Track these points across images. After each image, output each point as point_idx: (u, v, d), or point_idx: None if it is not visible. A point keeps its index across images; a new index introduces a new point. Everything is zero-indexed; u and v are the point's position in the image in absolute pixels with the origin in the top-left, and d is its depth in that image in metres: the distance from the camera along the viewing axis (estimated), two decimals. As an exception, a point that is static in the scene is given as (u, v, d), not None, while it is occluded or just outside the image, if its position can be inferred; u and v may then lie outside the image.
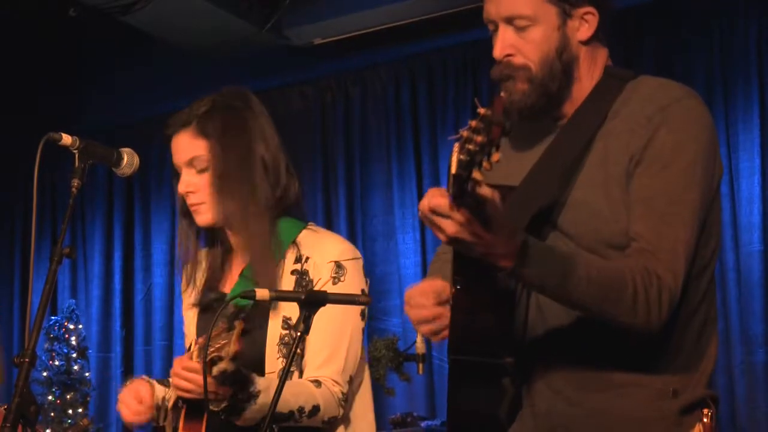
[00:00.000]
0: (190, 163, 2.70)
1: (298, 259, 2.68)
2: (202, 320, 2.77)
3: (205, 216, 2.71)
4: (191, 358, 2.47)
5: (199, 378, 2.40)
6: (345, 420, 2.67)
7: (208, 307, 2.76)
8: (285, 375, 2.27)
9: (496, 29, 2.20)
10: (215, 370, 2.37)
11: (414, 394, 6.14)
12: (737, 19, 5.67)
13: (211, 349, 2.39)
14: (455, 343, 2.14)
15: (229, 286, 2.74)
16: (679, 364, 2.15)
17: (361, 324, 2.69)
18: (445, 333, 2.14)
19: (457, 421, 2.20)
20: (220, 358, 2.36)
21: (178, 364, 2.47)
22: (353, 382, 2.68)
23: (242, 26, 6.05)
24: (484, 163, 1.75)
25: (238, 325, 2.38)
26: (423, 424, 5.62)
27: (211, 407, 2.47)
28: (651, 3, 5.87)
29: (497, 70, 2.19)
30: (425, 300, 2.13)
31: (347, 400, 2.66)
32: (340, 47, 6.33)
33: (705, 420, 2.14)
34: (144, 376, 2.80)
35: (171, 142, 2.75)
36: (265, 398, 2.46)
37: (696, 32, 5.76)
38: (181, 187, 2.70)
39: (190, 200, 2.70)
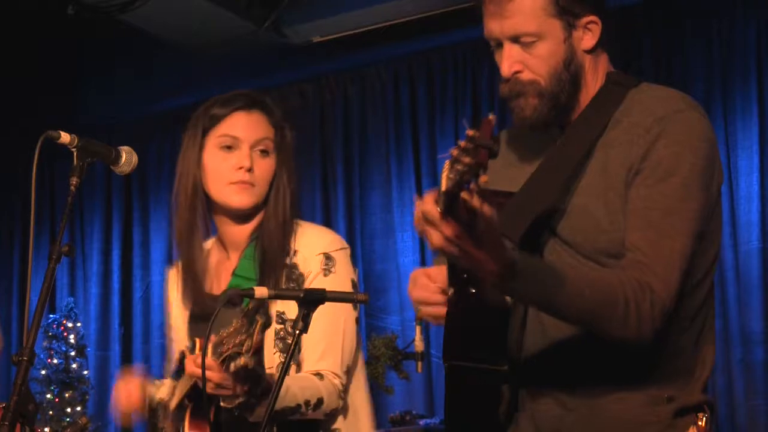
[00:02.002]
0: (258, 142, 2.69)
1: (286, 254, 2.69)
2: (197, 325, 2.73)
3: (250, 198, 2.68)
4: (205, 354, 2.42)
5: (215, 375, 2.40)
6: (344, 411, 2.68)
7: (205, 312, 2.71)
8: (285, 370, 2.27)
9: (499, 46, 2.20)
10: (233, 365, 2.37)
11: (413, 393, 6.14)
12: (736, 18, 5.67)
13: (227, 347, 2.37)
14: (451, 349, 2.14)
15: (222, 288, 2.73)
16: (676, 370, 2.15)
17: (353, 314, 2.70)
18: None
19: (454, 426, 2.20)
20: (238, 354, 2.34)
21: (192, 361, 2.45)
22: (350, 373, 2.69)
23: (241, 24, 6.05)
24: (472, 185, 1.75)
25: (259, 318, 2.35)
26: (422, 422, 5.62)
27: (224, 404, 2.47)
28: (650, 2, 5.87)
29: (506, 87, 2.19)
30: (430, 283, 2.13)
31: (345, 391, 2.67)
32: (338, 45, 6.33)
33: (699, 423, 2.14)
34: (139, 373, 2.82)
35: (235, 116, 2.70)
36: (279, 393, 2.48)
37: (695, 31, 5.77)
38: (246, 162, 2.66)
39: (246, 177, 2.67)
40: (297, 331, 2.28)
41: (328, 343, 2.64)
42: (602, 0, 2.21)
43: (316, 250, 2.68)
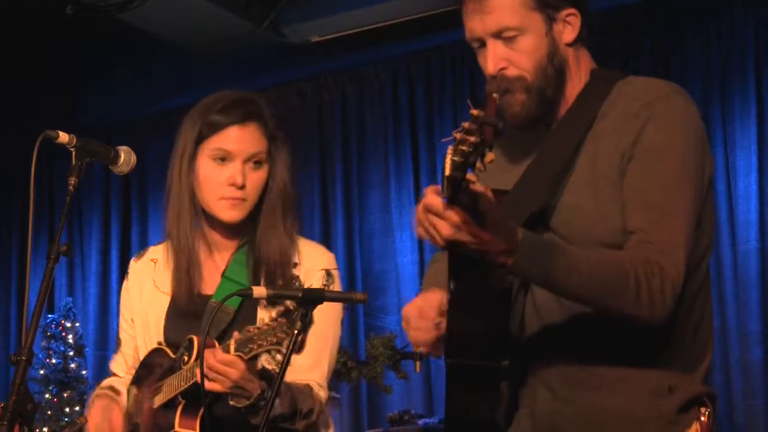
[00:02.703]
0: (252, 156, 2.67)
1: (288, 264, 2.70)
2: (178, 321, 2.72)
3: (241, 212, 2.68)
4: (227, 351, 2.41)
5: (236, 372, 2.40)
6: (324, 422, 2.70)
7: (189, 308, 2.71)
8: (282, 371, 2.27)
9: (482, 46, 2.21)
10: (260, 363, 2.36)
11: (411, 392, 6.14)
12: (735, 18, 5.68)
13: (258, 344, 2.36)
14: (452, 347, 2.14)
15: (209, 288, 2.72)
16: (675, 360, 2.15)
17: (340, 332, 2.75)
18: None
19: (454, 425, 2.21)
20: (269, 352, 2.35)
21: (212, 356, 2.42)
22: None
23: (240, 24, 6.05)
24: (478, 164, 1.76)
25: (301, 320, 2.30)
26: (420, 421, 5.62)
27: (233, 402, 2.48)
28: (649, 2, 5.87)
29: (493, 85, 2.19)
30: (423, 323, 2.13)
31: (326, 404, 2.69)
32: (337, 45, 6.33)
33: (702, 418, 2.14)
34: (108, 391, 2.76)
35: (230, 130, 2.67)
36: (282, 398, 2.49)
37: (694, 31, 5.77)
38: (239, 179, 2.65)
39: (238, 194, 2.66)
40: (295, 331, 2.28)
41: (318, 356, 2.66)
42: None
43: (319, 265, 2.72)
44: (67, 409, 6.69)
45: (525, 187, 2.17)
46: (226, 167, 2.67)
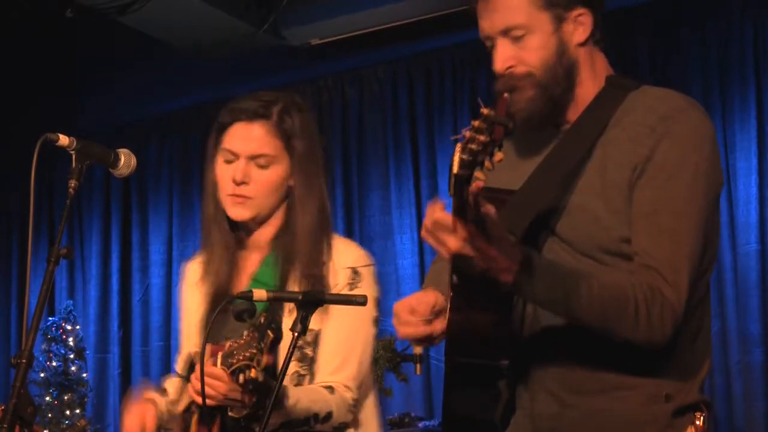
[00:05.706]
0: (255, 156, 2.66)
1: (315, 265, 2.68)
2: (214, 322, 2.73)
3: (246, 211, 2.67)
4: (215, 364, 2.41)
5: (222, 385, 2.39)
6: (355, 423, 2.67)
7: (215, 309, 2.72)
8: (283, 374, 2.27)
9: (493, 45, 2.22)
10: (242, 377, 2.37)
11: (411, 395, 6.14)
12: (734, 19, 5.67)
13: (237, 358, 2.36)
14: (452, 344, 2.14)
15: (240, 289, 2.71)
16: (673, 368, 2.15)
17: (373, 331, 2.73)
18: (438, 341, 2.14)
19: (452, 423, 2.21)
20: (248, 367, 2.34)
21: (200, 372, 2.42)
22: (362, 387, 2.68)
23: (239, 27, 6.05)
24: (486, 163, 1.76)
25: (270, 333, 2.32)
26: (420, 424, 5.62)
27: (231, 414, 2.47)
28: (647, 4, 5.87)
29: (501, 83, 2.20)
30: (413, 318, 2.13)
31: (357, 405, 2.66)
32: (337, 47, 6.33)
33: (698, 423, 2.15)
34: (149, 393, 2.77)
35: (235, 128, 2.67)
36: (289, 404, 2.48)
37: (692, 33, 5.76)
38: (238, 176, 2.65)
39: (241, 191, 2.65)
40: (296, 334, 2.28)
41: (345, 357, 2.64)
42: None
43: (345, 263, 2.69)
44: (68, 412, 6.69)
45: (532, 187, 2.18)
46: (232, 166, 2.67)
